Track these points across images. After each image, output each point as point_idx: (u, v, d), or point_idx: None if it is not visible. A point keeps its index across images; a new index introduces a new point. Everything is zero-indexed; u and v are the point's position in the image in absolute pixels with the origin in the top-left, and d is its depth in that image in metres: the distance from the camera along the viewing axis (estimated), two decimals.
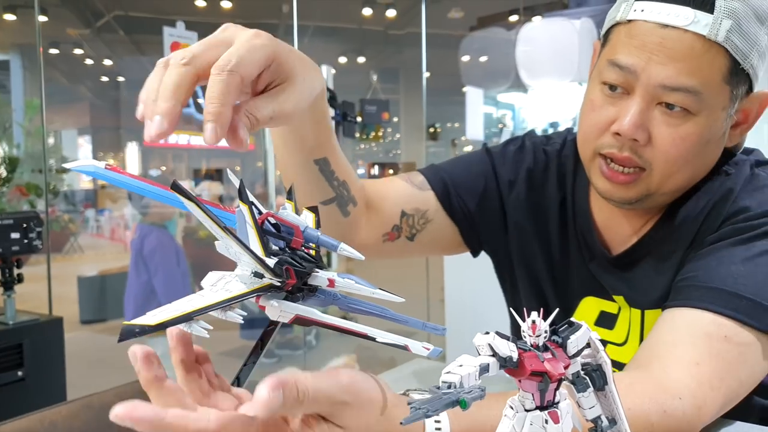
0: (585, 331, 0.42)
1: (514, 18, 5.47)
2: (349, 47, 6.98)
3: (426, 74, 4.44)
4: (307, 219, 0.49)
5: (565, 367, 0.41)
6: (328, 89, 2.09)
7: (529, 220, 0.87)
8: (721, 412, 0.61)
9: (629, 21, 0.67)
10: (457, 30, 5.86)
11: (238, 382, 0.45)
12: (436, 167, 0.88)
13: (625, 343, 0.79)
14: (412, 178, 0.85)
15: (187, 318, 0.36)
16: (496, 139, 5.59)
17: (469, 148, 8.92)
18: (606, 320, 0.81)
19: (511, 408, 0.42)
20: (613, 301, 0.80)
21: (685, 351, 0.60)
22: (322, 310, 0.44)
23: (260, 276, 0.40)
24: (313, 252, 0.45)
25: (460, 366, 0.40)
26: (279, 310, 0.41)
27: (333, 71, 2.27)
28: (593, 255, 0.82)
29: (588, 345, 0.42)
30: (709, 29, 0.62)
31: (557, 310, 0.43)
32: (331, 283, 0.43)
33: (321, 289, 0.44)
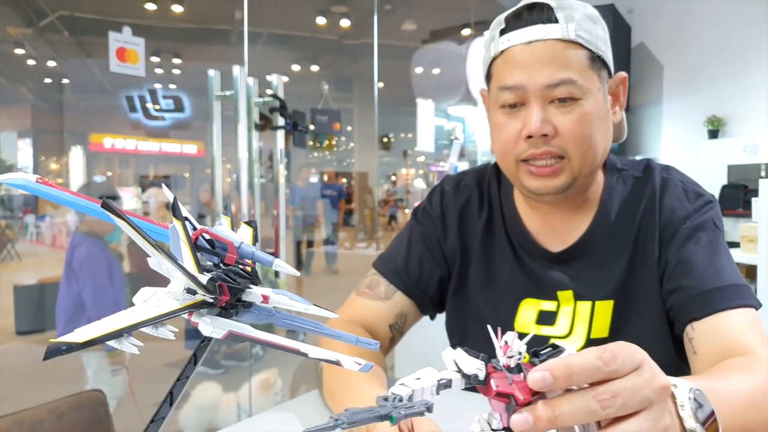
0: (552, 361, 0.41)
1: (466, 32, 5.59)
2: (303, 55, 6.96)
3: (379, 85, 4.48)
4: (244, 235, 0.49)
5: (538, 392, 0.40)
6: (278, 98, 2.09)
7: (461, 249, 0.97)
8: None
9: (502, 52, 0.82)
10: (411, 42, 5.93)
11: (171, 397, 0.45)
12: (389, 263, 0.98)
13: (569, 335, 0.87)
14: (376, 290, 0.96)
15: (117, 335, 0.36)
16: (447, 150, 5.68)
17: (421, 158, 9.03)
18: (546, 318, 0.90)
19: (480, 425, 0.42)
20: (552, 299, 0.89)
21: (753, 339, 0.73)
22: (257, 327, 0.44)
23: (193, 292, 0.41)
24: (249, 268, 0.46)
25: (417, 379, 0.41)
26: (212, 326, 0.41)
27: (284, 79, 2.26)
28: (534, 255, 0.90)
29: None
30: (562, 33, 0.79)
31: (532, 333, 0.45)
32: (266, 299, 0.43)
33: (256, 306, 0.45)
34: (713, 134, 4.10)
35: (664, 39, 4.55)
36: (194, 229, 0.44)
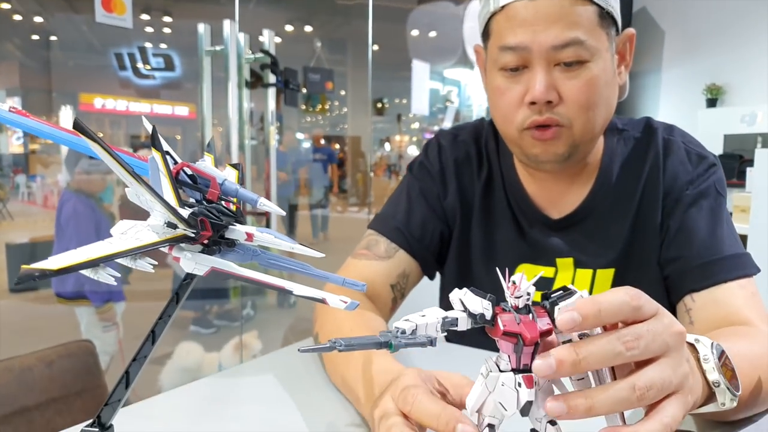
0: (578, 300, 0.40)
1: None
2: (296, 15, 6.82)
3: (374, 47, 4.40)
4: (229, 175, 0.48)
5: (547, 333, 0.40)
6: (270, 54, 2.04)
7: (462, 208, 0.93)
8: None
9: (503, 7, 0.75)
10: (407, 3, 5.81)
11: (153, 335, 0.44)
12: (388, 222, 0.93)
13: None
14: (375, 250, 0.91)
15: (92, 264, 0.34)
16: (441, 115, 5.62)
17: (415, 125, 8.95)
18: (543, 284, 0.87)
19: (487, 367, 0.42)
20: (551, 265, 0.86)
21: (752, 311, 0.73)
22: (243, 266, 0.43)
23: (173, 226, 0.39)
24: (234, 207, 0.45)
25: (422, 316, 0.40)
26: (193, 262, 0.40)
27: (277, 40, 2.22)
28: (532, 221, 0.87)
29: None
30: None
31: (541, 272, 0.44)
32: (249, 237, 0.42)
33: (240, 245, 0.44)
34: (711, 103, 4.07)
35: (666, 4, 4.48)
36: (175, 163, 0.42)
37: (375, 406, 0.51)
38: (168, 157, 0.41)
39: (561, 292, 0.41)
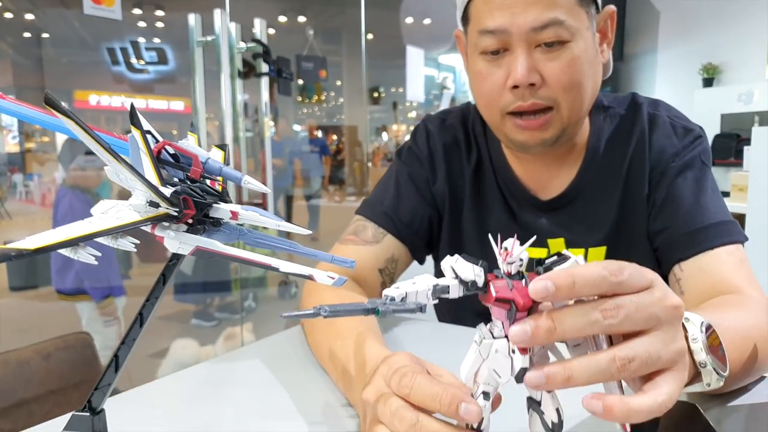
0: (573, 265, 0.40)
1: None
2: (289, 6, 6.77)
3: (369, 36, 4.38)
4: (215, 156, 0.47)
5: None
6: (261, 43, 2.03)
7: (451, 193, 0.92)
8: None
9: None
10: None
11: (141, 317, 0.44)
12: (376, 207, 0.92)
13: None
14: (363, 235, 0.90)
15: (71, 243, 0.34)
16: (437, 102, 5.60)
17: (412, 114, 8.92)
18: (534, 267, 0.85)
19: (480, 334, 0.41)
20: (542, 247, 0.86)
21: (741, 278, 0.72)
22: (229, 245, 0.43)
23: (156, 205, 0.39)
24: (219, 187, 0.44)
25: (413, 284, 0.39)
26: (177, 241, 0.40)
27: (271, 30, 2.20)
28: (522, 204, 0.87)
29: None
30: None
31: (534, 237, 0.44)
32: (234, 215, 0.41)
33: (226, 224, 0.43)
34: (708, 83, 4.05)
35: None
36: (157, 141, 0.42)
37: (365, 387, 0.49)
38: (149, 135, 0.41)
39: (555, 257, 0.41)
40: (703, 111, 4.02)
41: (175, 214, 0.38)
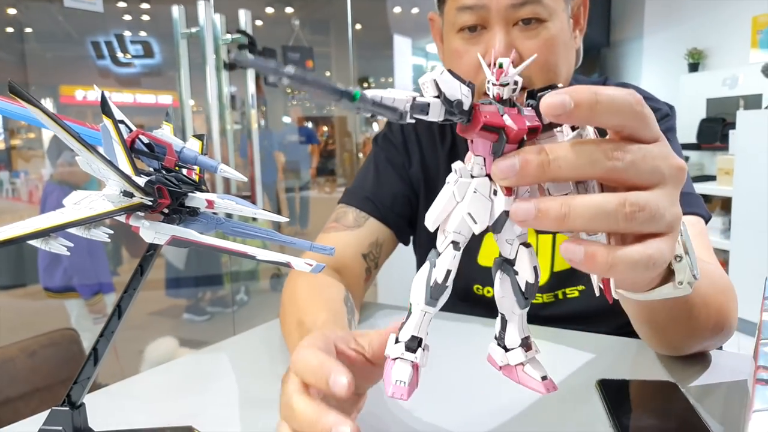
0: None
1: None
2: None
3: (357, 26, 4.35)
4: (192, 146, 0.47)
5: (534, 130, 0.34)
6: (246, 34, 2.01)
7: (425, 177, 0.94)
8: None
9: None
10: None
11: (119, 309, 0.44)
12: (356, 193, 0.92)
13: None
14: (344, 221, 0.89)
15: (42, 234, 0.34)
16: None
17: None
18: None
19: (455, 173, 0.35)
20: None
21: (701, 249, 0.69)
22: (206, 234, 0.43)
23: (130, 195, 0.38)
24: (197, 177, 0.44)
25: (390, 92, 0.32)
26: (153, 231, 0.39)
27: (258, 22, 2.18)
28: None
29: None
30: None
31: (535, 56, 0.40)
32: (210, 204, 0.41)
33: (203, 214, 0.43)
34: (693, 67, 4.07)
35: None
36: (130, 131, 0.41)
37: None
38: (122, 125, 0.40)
39: (550, 89, 0.35)
40: (689, 95, 4.03)
41: (150, 203, 0.38)
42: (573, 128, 0.37)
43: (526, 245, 0.36)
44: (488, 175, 0.34)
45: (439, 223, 0.36)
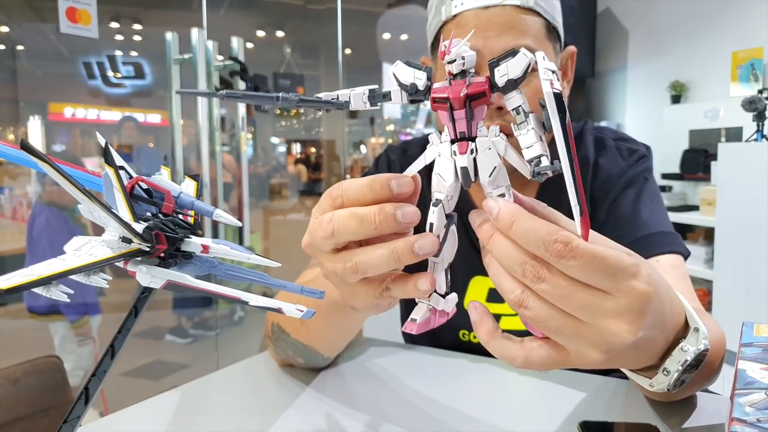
0: (521, 59, 0.39)
1: None
2: (268, 21, 6.79)
3: (346, 51, 4.40)
4: (187, 188, 0.48)
5: (478, 95, 0.39)
6: (238, 61, 2.04)
7: None
8: None
9: (455, 16, 0.77)
10: (377, 7, 5.83)
11: (112, 350, 0.44)
12: None
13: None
14: None
15: (44, 282, 0.35)
16: (414, 118, 5.65)
17: (390, 127, 8.98)
18: (496, 296, 0.86)
19: (430, 143, 0.42)
20: None
21: (684, 293, 0.70)
22: (198, 277, 0.44)
23: (128, 241, 0.40)
24: (192, 220, 0.45)
25: (352, 89, 0.41)
26: (149, 275, 0.41)
27: (249, 45, 2.21)
28: None
29: (526, 76, 0.39)
30: (520, 0, 0.74)
31: (473, 31, 0.44)
32: (206, 249, 0.43)
33: (197, 256, 0.44)
34: (676, 99, 4.16)
35: (629, 4, 4.57)
36: (130, 177, 0.43)
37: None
38: (122, 171, 0.42)
39: (508, 56, 0.40)
40: (672, 126, 4.12)
41: (147, 249, 0.39)
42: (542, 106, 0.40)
43: (436, 202, 0.42)
44: (451, 140, 0.40)
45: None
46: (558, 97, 0.37)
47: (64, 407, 0.97)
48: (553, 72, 0.38)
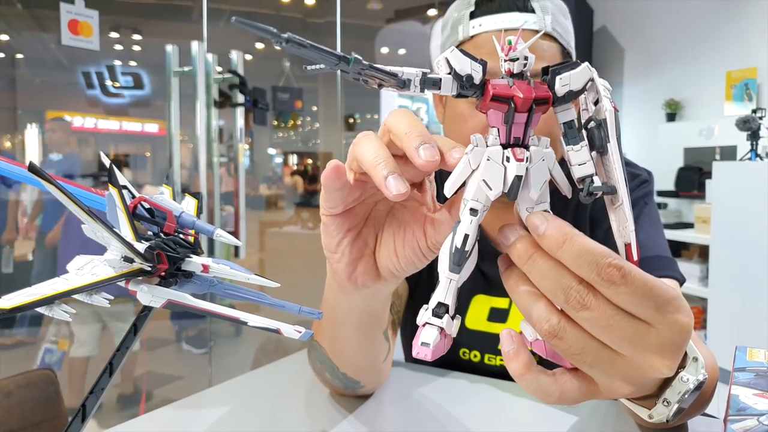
0: (585, 71, 0.36)
1: (432, 12, 5.56)
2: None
3: None
4: (188, 205, 0.49)
5: (543, 101, 0.35)
6: (238, 75, 2.05)
7: None
8: None
9: (472, 37, 0.76)
10: (376, 22, 5.88)
11: (110, 367, 0.45)
12: None
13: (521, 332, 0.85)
14: None
15: (47, 302, 0.35)
16: None
17: None
18: (497, 315, 0.86)
19: (472, 143, 0.37)
20: (504, 296, 0.86)
21: None
22: (197, 296, 0.44)
23: (130, 260, 0.40)
24: (192, 239, 0.46)
25: (397, 67, 0.36)
26: (150, 294, 0.41)
27: (248, 57, 2.23)
28: (484, 253, 0.87)
29: (585, 90, 0.36)
30: (538, 25, 0.74)
31: (542, 32, 0.42)
32: (206, 268, 0.43)
33: (197, 276, 0.45)
34: (671, 117, 4.20)
35: (625, 22, 4.62)
36: (133, 197, 0.43)
37: None
38: (125, 191, 0.42)
39: (564, 66, 0.37)
40: (667, 144, 4.15)
41: (149, 269, 0.40)
42: (595, 103, 0.38)
43: (473, 212, 0.37)
44: (502, 144, 0.36)
45: (455, 190, 0.37)
46: (617, 116, 0.36)
47: (56, 421, 0.96)
48: (610, 90, 0.37)
